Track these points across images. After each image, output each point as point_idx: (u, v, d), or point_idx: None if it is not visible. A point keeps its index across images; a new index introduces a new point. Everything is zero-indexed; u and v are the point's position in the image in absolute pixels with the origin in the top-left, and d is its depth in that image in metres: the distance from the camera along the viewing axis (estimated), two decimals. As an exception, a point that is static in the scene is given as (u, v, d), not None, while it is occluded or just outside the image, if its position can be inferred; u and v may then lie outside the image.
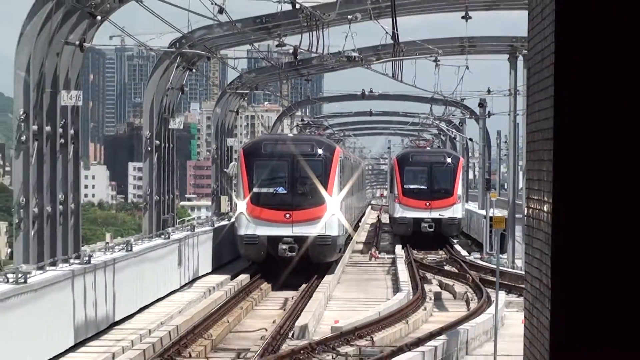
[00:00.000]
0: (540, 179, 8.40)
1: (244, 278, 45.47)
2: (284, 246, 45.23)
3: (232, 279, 46.01)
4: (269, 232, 45.77)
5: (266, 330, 32.34)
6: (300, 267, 48.62)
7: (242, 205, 46.95)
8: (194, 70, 49.36)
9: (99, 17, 32.76)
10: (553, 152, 7.53)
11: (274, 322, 34.17)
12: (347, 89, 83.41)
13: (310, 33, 36.43)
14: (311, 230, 45.59)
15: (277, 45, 42.02)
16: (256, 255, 46.90)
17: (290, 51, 41.53)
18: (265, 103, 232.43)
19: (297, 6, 34.55)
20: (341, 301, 42.45)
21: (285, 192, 47.02)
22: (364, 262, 58.20)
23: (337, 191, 47.31)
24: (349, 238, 58.61)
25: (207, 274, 48.72)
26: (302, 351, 28.31)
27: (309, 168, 46.54)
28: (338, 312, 37.82)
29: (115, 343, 31.20)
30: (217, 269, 50.21)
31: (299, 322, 32.58)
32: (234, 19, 36.83)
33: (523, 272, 12.76)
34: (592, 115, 7.52)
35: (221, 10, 31.91)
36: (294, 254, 45.22)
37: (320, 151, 47.90)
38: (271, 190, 47.05)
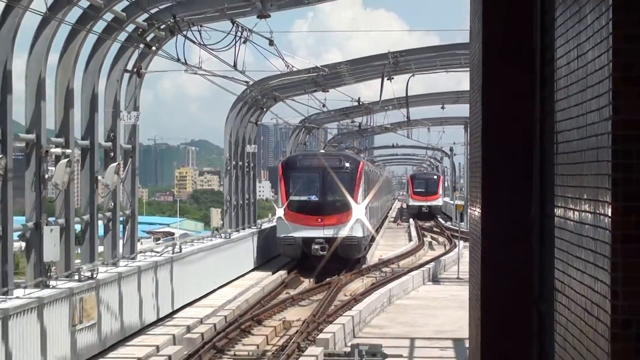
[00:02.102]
0: (476, 185, 8.92)
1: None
2: (316, 246, 46.16)
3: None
4: (304, 234, 46.55)
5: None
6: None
7: (281, 211, 47.50)
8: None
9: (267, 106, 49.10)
10: (482, 173, 8.19)
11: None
12: (384, 141, 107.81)
13: (367, 115, 58.02)
14: (339, 232, 46.42)
15: (351, 122, 62.76)
16: (293, 253, 47.75)
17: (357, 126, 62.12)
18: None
19: (360, 102, 51.19)
20: (382, 246, 61.29)
21: (317, 199, 47.80)
22: (393, 226, 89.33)
23: (362, 198, 48.15)
24: (372, 240, 57.68)
25: (275, 257, 51.08)
26: (364, 269, 47.14)
27: (337, 179, 47.27)
28: (381, 251, 56.38)
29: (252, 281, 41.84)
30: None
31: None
32: (330, 108, 54.09)
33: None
34: (499, 155, 7.98)
35: (324, 105, 49.19)
36: (325, 253, 46.14)
37: (347, 164, 48.52)
38: (305, 198, 47.80)
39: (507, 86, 8.06)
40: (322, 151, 60.08)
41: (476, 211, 9.33)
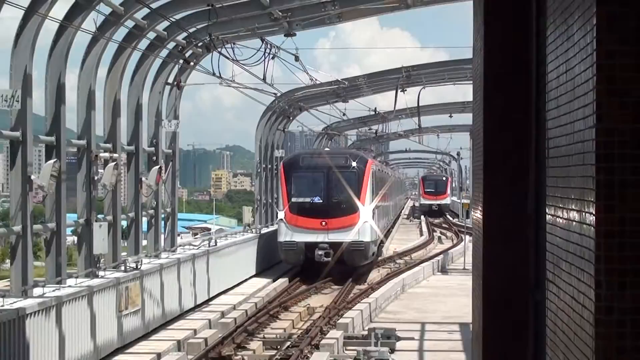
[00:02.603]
0: (478, 186, 8.63)
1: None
2: (320, 252, 38.72)
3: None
4: (307, 238, 39.25)
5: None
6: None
7: (282, 213, 40.40)
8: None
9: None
10: (483, 175, 8.10)
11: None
12: (398, 146, 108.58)
13: (383, 123, 58.56)
14: (345, 237, 38.92)
15: (368, 129, 62.41)
16: (295, 259, 40.29)
17: (374, 133, 61.89)
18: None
19: (376, 112, 51.79)
20: (397, 240, 61.18)
21: (321, 201, 40.39)
22: (406, 222, 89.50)
23: (370, 200, 40.52)
24: (381, 244, 50.04)
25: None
26: (380, 261, 45.99)
27: (343, 179, 40.11)
28: (396, 244, 56.07)
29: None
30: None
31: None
32: (350, 117, 52.83)
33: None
34: (498, 159, 7.79)
35: (344, 114, 49.15)
36: (329, 259, 38.80)
37: (353, 163, 40.92)
38: (308, 199, 40.40)
39: (505, 97, 8.03)
40: (327, 149, 51.62)
41: (478, 209, 9.31)
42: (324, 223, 39.84)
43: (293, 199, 40.56)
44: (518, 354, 8.11)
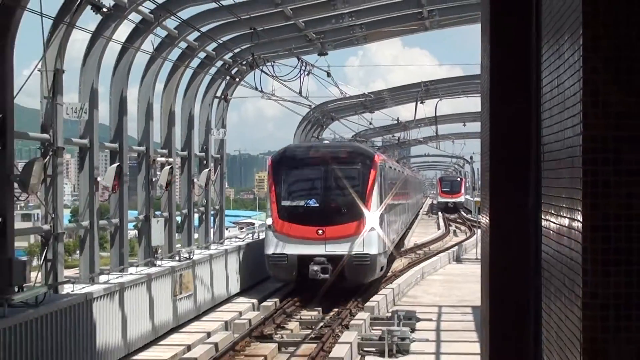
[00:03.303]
0: (486, 186, 8.22)
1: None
2: (316, 267, 28.22)
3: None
4: (300, 250, 28.71)
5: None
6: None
7: (269, 220, 29.50)
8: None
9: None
10: (489, 176, 7.70)
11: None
12: (418, 151, 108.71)
13: (405, 131, 58.14)
14: (347, 249, 28.60)
15: (392, 136, 62.01)
16: (285, 276, 29.44)
17: (396, 140, 61.19)
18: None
19: (398, 121, 51.74)
20: (417, 233, 61.12)
21: (317, 205, 29.42)
22: (425, 218, 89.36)
23: (377, 203, 29.80)
24: (392, 258, 37.33)
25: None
26: (402, 252, 44.23)
27: (344, 178, 29.74)
28: (416, 238, 56.11)
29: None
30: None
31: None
32: (375, 125, 51.97)
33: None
34: (503, 163, 7.42)
35: (370, 123, 48.57)
36: (327, 275, 28.08)
37: (357, 159, 30.28)
38: (302, 203, 29.58)
39: (509, 109, 8.01)
40: (326, 142, 38.69)
41: (486, 206, 9.30)
42: (320, 232, 28.74)
43: (283, 203, 29.47)
44: (519, 334, 8.08)
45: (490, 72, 8.47)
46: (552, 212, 6.13)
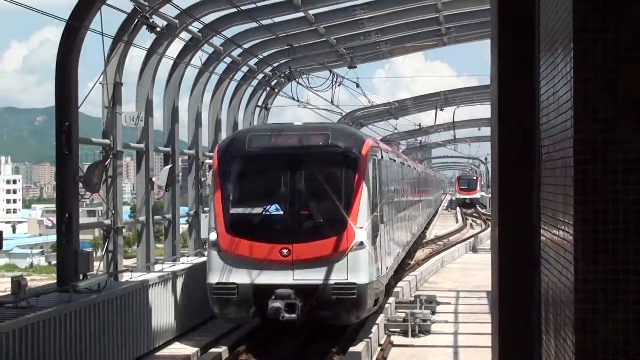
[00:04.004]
0: (495, 183, 7.91)
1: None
2: (277, 303, 16.23)
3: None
4: (256, 278, 16.73)
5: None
6: None
7: (214, 234, 17.27)
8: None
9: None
10: (498, 175, 7.62)
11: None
12: (439, 153, 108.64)
13: (426, 135, 58.18)
14: (323, 276, 16.66)
15: (414, 140, 62.49)
16: (236, 314, 17.24)
17: (418, 143, 61.72)
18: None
19: (420, 126, 52.31)
20: (437, 226, 59.94)
21: (281, 213, 17.02)
22: (445, 212, 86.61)
23: (369, 209, 17.28)
24: (390, 288, 22.80)
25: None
26: (424, 243, 44.76)
27: (321, 173, 17.27)
28: (437, 230, 55.33)
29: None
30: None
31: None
32: (400, 130, 52.24)
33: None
34: (509, 161, 7.40)
35: (395, 128, 48.79)
36: (294, 316, 16.37)
37: (339, 147, 17.37)
38: (259, 210, 17.13)
39: (514, 115, 8.00)
40: (298, 124, 18.97)
41: (495, 201, 9.28)
42: (285, 251, 16.72)
43: (232, 210, 17.39)
44: (524, 316, 8.05)
45: (498, 82, 8.47)
46: (550, 207, 6.14)
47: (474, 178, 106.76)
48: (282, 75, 29.72)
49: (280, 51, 27.33)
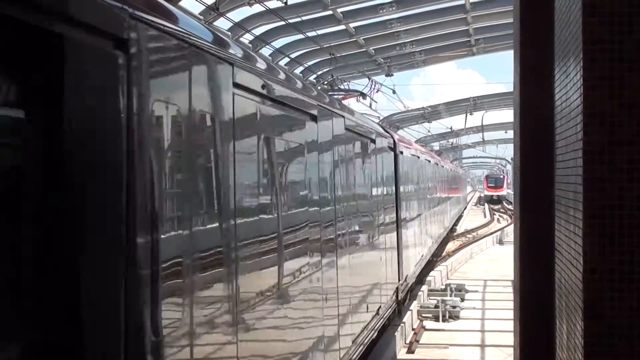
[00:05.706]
0: (518, 180, 8.07)
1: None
2: None
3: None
4: None
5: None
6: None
7: None
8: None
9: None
10: (520, 173, 7.78)
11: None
12: (468, 154, 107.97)
13: (457, 137, 57.80)
14: None
15: (447, 142, 61.67)
16: None
17: (450, 144, 61.70)
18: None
19: (452, 129, 52.45)
20: (467, 220, 58.62)
21: None
22: (474, 208, 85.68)
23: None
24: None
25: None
26: (454, 236, 45.07)
27: None
28: (467, 224, 54.19)
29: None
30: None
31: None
32: (433, 133, 52.93)
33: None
34: (530, 161, 7.48)
35: (429, 131, 49.24)
36: None
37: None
38: None
39: (535, 119, 8.06)
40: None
41: (517, 197, 9.32)
42: None
43: None
44: (542, 300, 8.08)
45: (520, 90, 8.48)
46: (563, 203, 6.15)
47: (501, 177, 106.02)
48: (325, 82, 29.77)
49: (324, 60, 27.24)
